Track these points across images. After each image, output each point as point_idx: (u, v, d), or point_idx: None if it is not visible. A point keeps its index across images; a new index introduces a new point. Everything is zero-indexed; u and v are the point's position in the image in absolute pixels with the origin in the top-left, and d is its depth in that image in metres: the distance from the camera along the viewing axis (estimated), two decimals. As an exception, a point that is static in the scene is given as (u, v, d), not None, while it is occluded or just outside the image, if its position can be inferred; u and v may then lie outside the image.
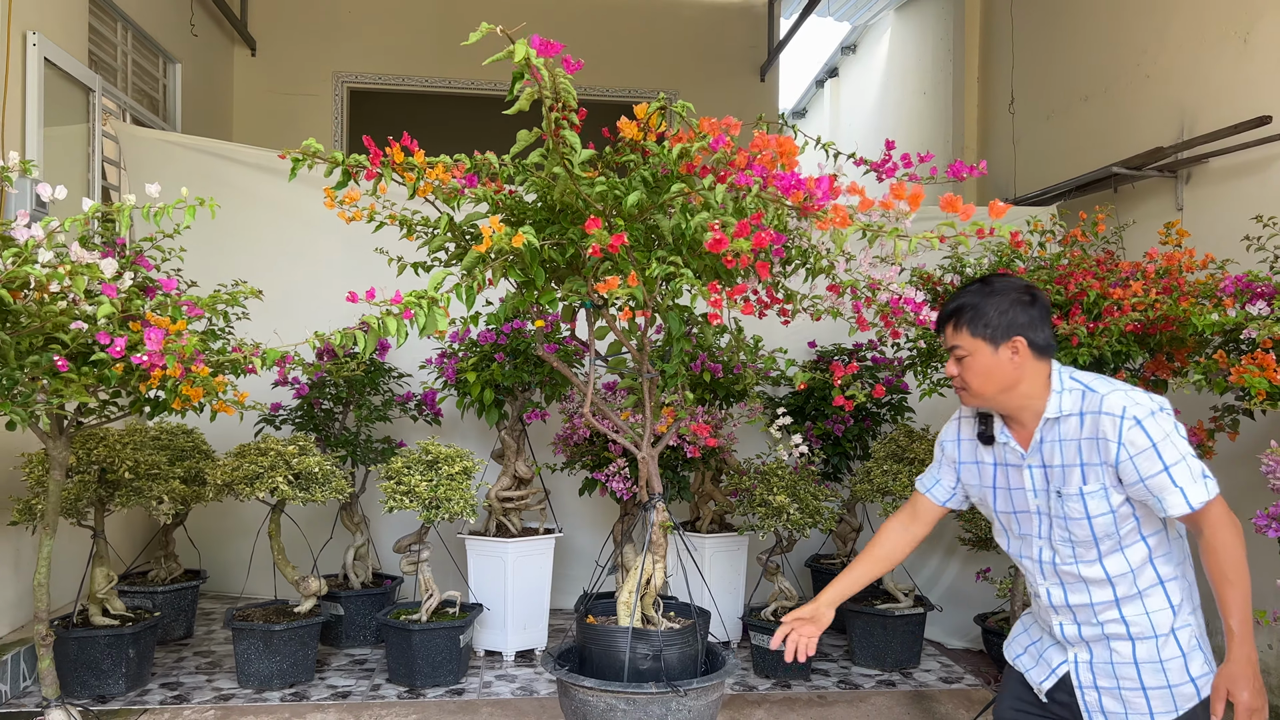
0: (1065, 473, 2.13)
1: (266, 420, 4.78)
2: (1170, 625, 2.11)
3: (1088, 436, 2.10)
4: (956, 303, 2.18)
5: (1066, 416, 2.13)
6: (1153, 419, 2.01)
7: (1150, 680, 2.10)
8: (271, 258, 5.21)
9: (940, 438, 2.44)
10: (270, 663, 4.13)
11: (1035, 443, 2.18)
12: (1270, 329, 2.86)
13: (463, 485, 4.15)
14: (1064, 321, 3.09)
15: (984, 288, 2.19)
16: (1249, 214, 4.07)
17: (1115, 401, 2.05)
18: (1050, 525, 2.19)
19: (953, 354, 2.19)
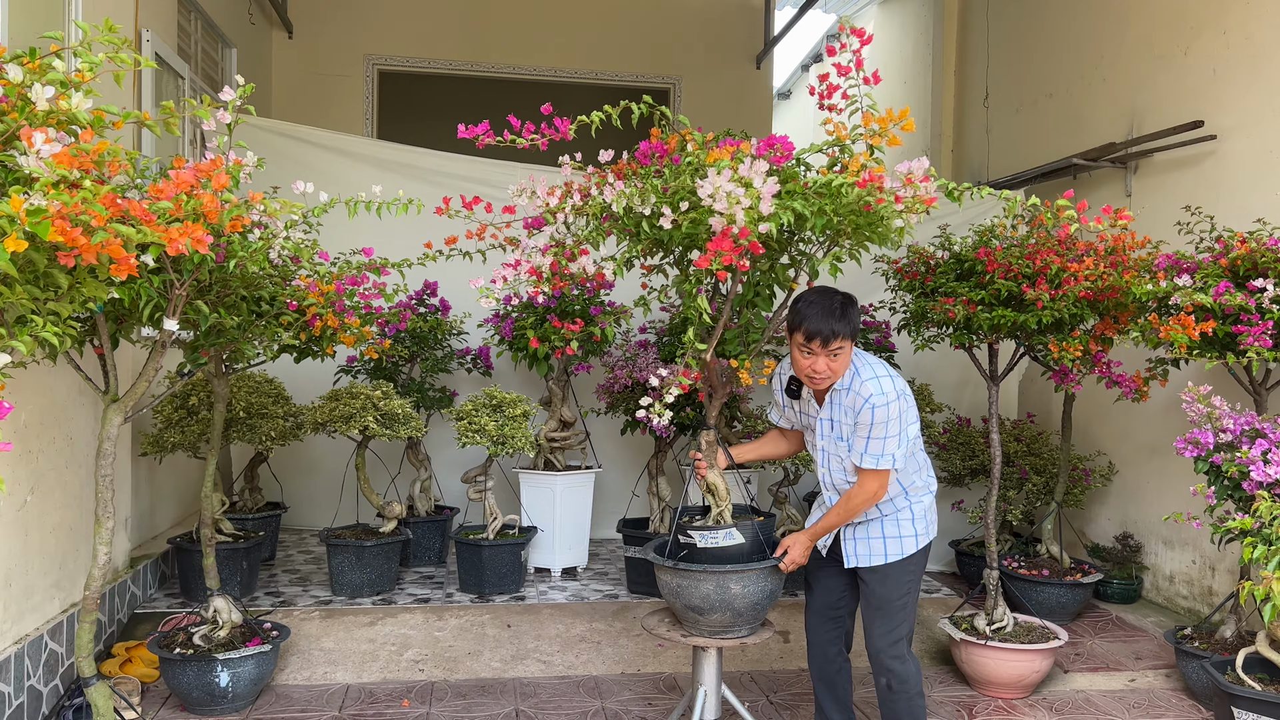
0: (838, 425, 3.15)
1: (344, 370, 5.49)
2: (904, 504, 3.25)
3: (848, 405, 3.09)
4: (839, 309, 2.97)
5: (842, 389, 3.10)
6: (884, 408, 3.00)
7: (888, 532, 3.23)
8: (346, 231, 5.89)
9: (772, 385, 3.43)
10: (361, 574, 4.88)
11: (827, 402, 3.16)
12: (1191, 296, 3.67)
13: (523, 425, 4.90)
14: (1031, 289, 3.89)
15: (846, 302, 3.01)
16: (1184, 202, 4.89)
17: (869, 388, 3.03)
18: (829, 457, 3.23)
19: (830, 353, 2.97)
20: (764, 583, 3.21)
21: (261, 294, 3.15)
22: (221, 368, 3.87)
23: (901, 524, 3.25)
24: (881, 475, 3.09)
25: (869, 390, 3.03)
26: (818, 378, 3.03)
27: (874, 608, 3.27)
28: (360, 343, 3.53)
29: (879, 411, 3.00)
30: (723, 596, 3.15)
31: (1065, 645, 4.59)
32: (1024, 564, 5.16)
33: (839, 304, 2.97)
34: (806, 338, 2.97)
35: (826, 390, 3.12)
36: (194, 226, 1.88)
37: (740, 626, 3.28)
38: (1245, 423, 3.59)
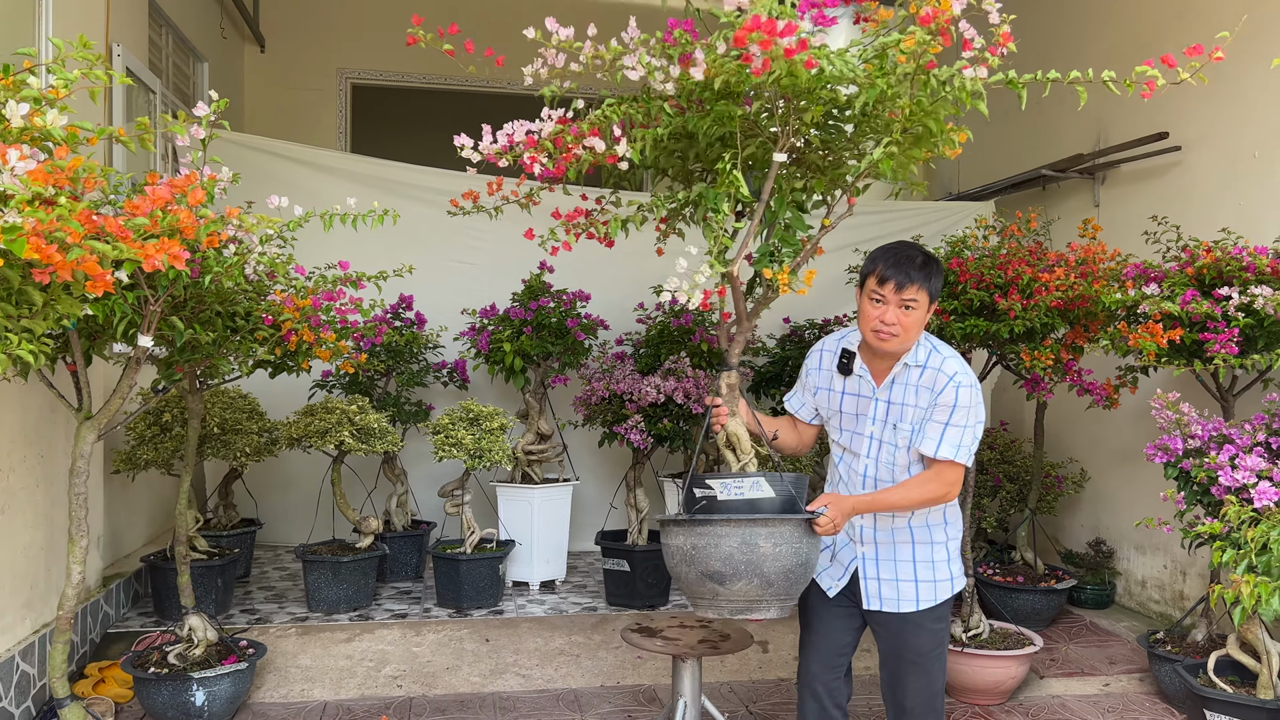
0: (903, 410, 2.71)
1: (319, 385, 5.47)
2: (945, 536, 2.82)
3: (925, 385, 2.68)
4: (921, 259, 2.62)
5: (916, 366, 2.70)
6: (970, 389, 2.64)
7: (922, 575, 2.79)
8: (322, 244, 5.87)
9: (806, 365, 2.93)
10: (338, 590, 4.85)
11: (887, 381, 2.72)
12: (1158, 304, 3.74)
13: (500, 439, 4.89)
14: (1003, 299, 3.94)
15: (929, 259, 2.65)
16: (1152, 212, 4.98)
17: (953, 365, 2.67)
18: (880, 447, 2.76)
19: (903, 303, 2.58)
20: (798, 543, 2.55)
21: (237, 309, 3.14)
22: (195, 384, 3.84)
23: (937, 563, 2.81)
24: (960, 471, 2.68)
25: (954, 368, 2.66)
26: (884, 331, 2.60)
27: (906, 661, 2.85)
28: (336, 357, 3.52)
29: (964, 393, 2.63)
30: (749, 557, 2.51)
31: (1041, 651, 4.64)
32: (999, 571, 5.21)
33: (920, 256, 2.62)
34: (880, 280, 2.59)
35: (889, 363, 2.70)
36: (170, 243, 1.88)
37: (769, 602, 2.59)
38: (1213, 429, 3.65)
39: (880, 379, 2.74)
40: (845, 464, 2.86)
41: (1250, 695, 3.56)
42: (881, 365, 2.73)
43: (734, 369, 2.73)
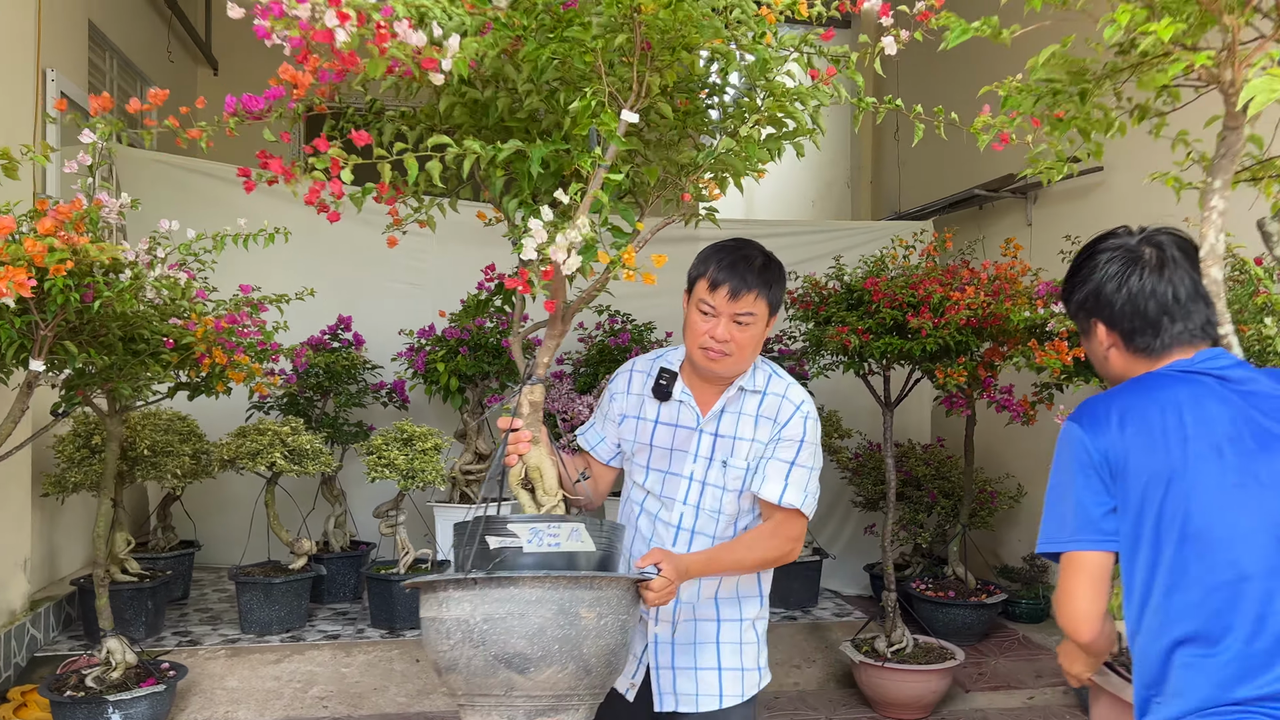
0: (734, 445, 2.20)
1: (256, 406, 5.48)
2: (755, 613, 2.29)
3: (766, 415, 2.20)
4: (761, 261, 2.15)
5: (754, 391, 2.22)
6: (816, 423, 2.22)
7: (728, 661, 2.23)
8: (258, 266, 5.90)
9: (609, 389, 2.38)
10: (270, 611, 4.85)
11: (716, 410, 2.22)
12: (1064, 322, 3.81)
13: (434, 459, 4.92)
14: (915, 317, 4.01)
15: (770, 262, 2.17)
16: (1078, 230, 5.06)
17: (799, 393, 2.22)
18: (702, 491, 2.22)
19: (737, 317, 2.10)
20: (624, 615, 1.89)
21: (142, 333, 3.16)
22: (114, 407, 3.86)
23: (746, 646, 2.26)
24: (804, 525, 2.19)
25: (800, 395, 2.21)
26: (713, 350, 2.11)
27: None
28: (249, 380, 3.54)
29: (811, 427, 2.18)
30: (567, 632, 1.80)
31: (968, 665, 4.69)
32: (931, 586, 5.26)
33: (760, 258, 2.15)
34: (711, 286, 2.11)
35: (719, 387, 2.21)
36: (15, 270, 1.91)
37: (581, 698, 1.88)
38: (1117, 444, 3.72)
39: (707, 407, 2.22)
40: (650, 515, 2.28)
41: (1156, 706, 3.61)
42: (709, 390, 2.23)
43: (541, 382, 2.12)
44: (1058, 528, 1.69)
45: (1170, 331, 1.69)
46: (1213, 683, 1.51)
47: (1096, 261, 1.77)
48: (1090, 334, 1.80)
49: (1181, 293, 1.69)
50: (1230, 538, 1.54)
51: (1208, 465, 1.56)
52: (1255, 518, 1.53)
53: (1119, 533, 1.63)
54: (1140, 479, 1.59)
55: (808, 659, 4.88)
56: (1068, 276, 1.85)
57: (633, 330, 5.64)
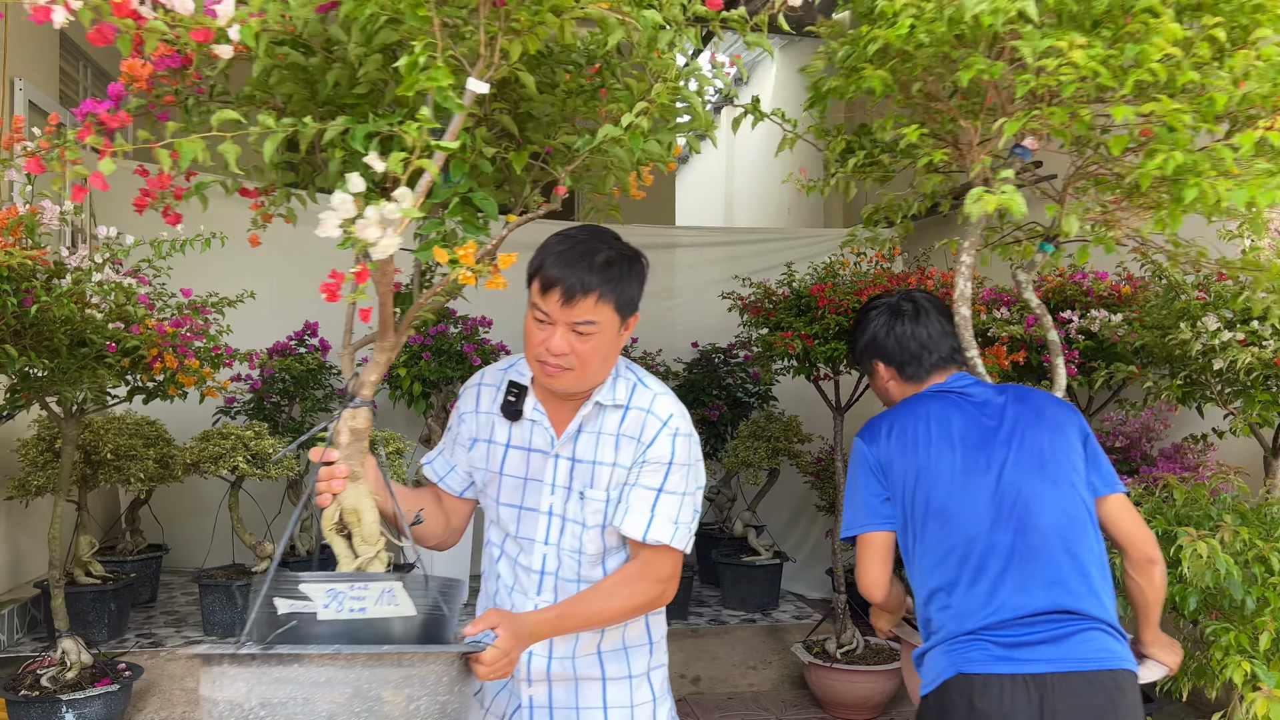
0: (594, 471, 1.88)
1: (222, 411, 5.54)
2: (646, 665, 1.96)
3: (628, 434, 1.87)
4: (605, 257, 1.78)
5: (614, 406, 1.88)
6: (689, 440, 1.89)
7: (615, 695, 1.92)
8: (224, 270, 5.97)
9: (457, 408, 2.02)
10: (233, 614, 4.90)
11: (571, 430, 1.88)
12: (1004, 327, 3.88)
13: (395, 463, 4.98)
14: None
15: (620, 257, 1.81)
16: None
17: (667, 405, 1.88)
18: (562, 529, 1.89)
19: (575, 325, 1.76)
20: (446, 695, 1.52)
21: (93, 338, 3.23)
22: (69, 411, 3.92)
23: (639, 710, 1.94)
24: (678, 561, 1.88)
25: (668, 408, 1.87)
26: (550, 365, 1.78)
27: None
28: (200, 384, 3.61)
29: (682, 446, 1.86)
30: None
31: (922, 667, 4.74)
32: (890, 589, 5.31)
33: (605, 252, 1.78)
34: (543, 287, 1.77)
35: (575, 403, 1.89)
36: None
37: None
38: (1054, 447, 3.78)
39: (562, 427, 1.90)
40: (510, 560, 1.95)
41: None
42: (564, 406, 1.90)
43: (366, 405, 1.76)
44: (853, 517, 2.20)
45: (929, 362, 2.23)
46: (953, 620, 2.00)
47: (869, 317, 2.31)
48: (874, 372, 2.33)
49: (934, 332, 2.25)
50: (961, 511, 2.04)
51: (944, 459, 2.08)
52: (978, 495, 2.04)
53: (894, 516, 2.13)
54: (901, 474, 2.11)
55: (764, 661, 4.94)
56: (850, 331, 2.39)
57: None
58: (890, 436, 2.13)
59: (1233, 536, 2.38)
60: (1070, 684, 1.88)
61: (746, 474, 5.40)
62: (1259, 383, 2.95)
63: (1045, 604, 1.95)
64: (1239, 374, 2.89)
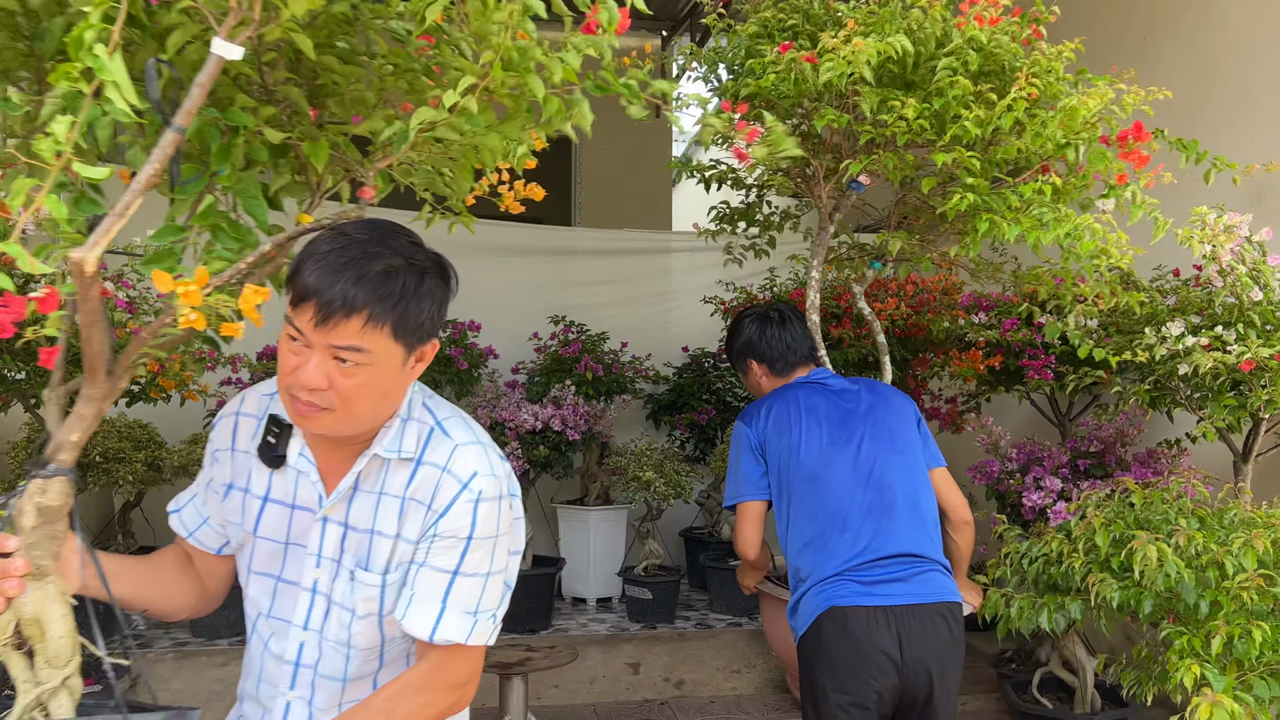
0: (372, 543, 1.47)
1: (213, 414, 5.58)
2: None
3: (416, 497, 1.45)
4: (385, 264, 1.35)
5: (400, 459, 1.46)
6: (496, 505, 1.45)
7: None
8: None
9: (210, 441, 1.59)
10: (219, 615, 4.92)
11: (345, 487, 1.46)
12: (981, 332, 3.89)
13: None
14: (837, 327, 4.09)
15: (408, 268, 1.38)
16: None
17: (470, 459, 1.45)
18: (327, 613, 1.49)
19: (337, 351, 1.34)
20: None
21: (71, 341, 3.26)
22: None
23: None
24: (478, 660, 1.51)
25: (472, 463, 1.46)
26: (302, 403, 1.37)
27: None
28: (181, 387, 3.65)
29: (486, 513, 1.44)
30: None
31: (906, 671, 4.76)
32: (876, 593, 5.32)
33: (387, 259, 1.37)
34: (296, 298, 1.36)
35: (353, 450, 1.49)
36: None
37: None
38: (1030, 452, 3.79)
39: (336, 480, 1.48)
40: (261, 641, 1.58)
41: (1069, 711, 3.68)
42: (339, 453, 1.48)
43: (64, 474, 1.39)
44: (735, 489, 2.60)
45: (793, 359, 2.72)
46: (821, 565, 2.39)
47: (745, 324, 2.78)
48: (748, 369, 2.77)
49: (797, 335, 2.74)
50: (829, 476, 2.46)
51: (814, 434, 2.50)
52: (842, 461, 2.47)
53: (769, 487, 2.54)
54: (778, 449, 2.51)
55: (748, 664, 4.95)
56: (729, 336, 2.83)
57: (585, 341, 5.73)
58: (768, 419, 2.54)
59: (1187, 541, 2.39)
60: (918, 613, 2.32)
61: (733, 478, 5.42)
62: (1224, 388, 2.95)
63: (897, 549, 2.39)
64: (1204, 379, 2.90)
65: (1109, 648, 4.33)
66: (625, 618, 5.44)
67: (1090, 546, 2.66)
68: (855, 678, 2.29)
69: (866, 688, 2.29)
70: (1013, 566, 2.96)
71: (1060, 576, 2.78)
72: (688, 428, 6.06)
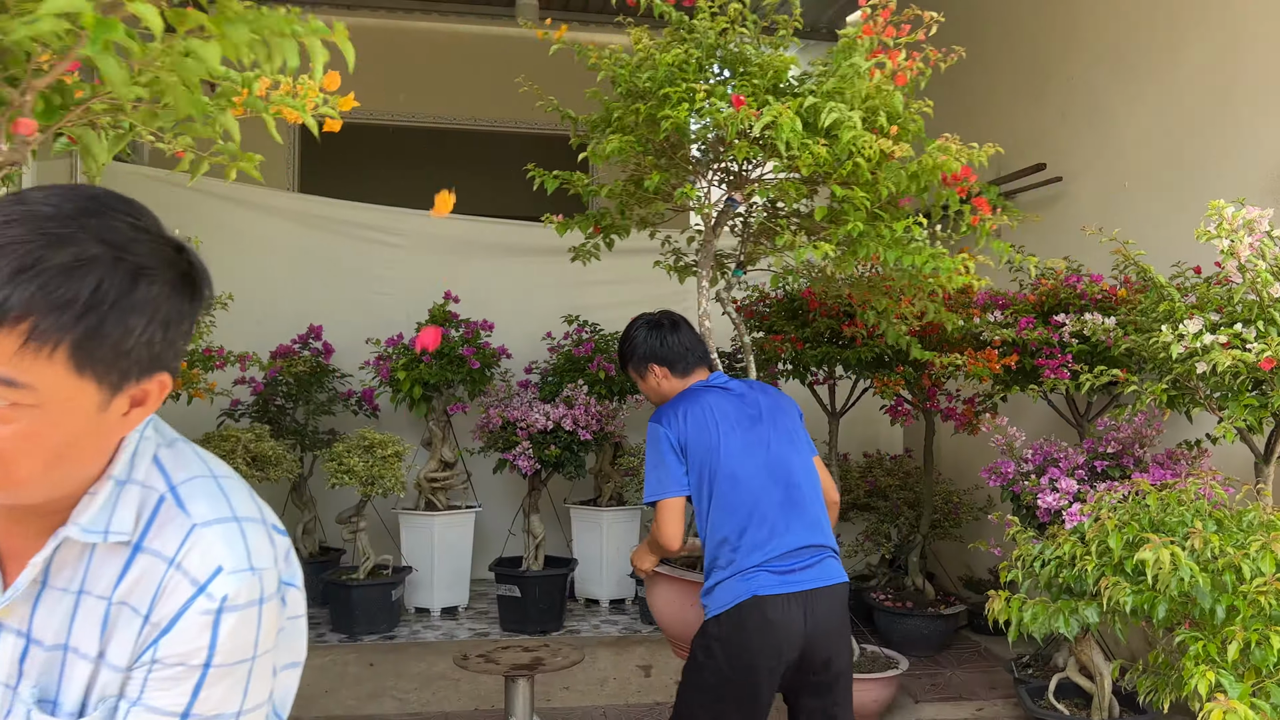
0: (66, 660, 1.01)
1: (227, 414, 5.59)
2: None
3: (128, 601, 1.00)
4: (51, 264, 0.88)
5: (112, 542, 1.00)
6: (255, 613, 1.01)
7: None
8: (231, 275, 6.03)
9: None
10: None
11: (29, 581, 1.00)
12: (996, 330, 3.82)
13: (394, 466, 5.00)
14: (850, 326, 4.03)
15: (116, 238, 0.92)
16: (1045, 241, 5.07)
17: (214, 552, 1.00)
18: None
19: None
20: None
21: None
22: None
23: None
24: None
25: (214, 556, 0.99)
26: None
27: None
28: (187, 386, 3.64)
29: (236, 629, 0.99)
30: None
31: (922, 676, 4.68)
32: (892, 596, 5.25)
33: (79, 244, 0.89)
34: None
35: (42, 525, 1.00)
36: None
37: None
38: (1046, 452, 3.72)
39: (15, 566, 1.03)
40: None
41: (1085, 717, 3.60)
42: (20, 529, 1.02)
43: None
44: (659, 485, 2.71)
45: (691, 360, 2.88)
46: (742, 556, 2.60)
47: (640, 332, 2.92)
48: (648, 373, 2.89)
49: (691, 340, 2.91)
50: (746, 475, 2.67)
51: (731, 438, 2.69)
52: (756, 462, 2.70)
53: (690, 484, 2.69)
54: (698, 449, 2.68)
55: (761, 668, 4.89)
56: (623, 344, 2.95)
57: (598, 340, 5.69)
58: (686, 422, 2.71)
59: (1203, 544, 2.31)
60: (821, 596, 2.64)
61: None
62: (1245, 387, 2.87)
63: (805, 540, 2.66)
64: (1224, 378, 2.82)
65: (1129, 653, 4.25)
66: (638, 619, 5.40)
67: (1103, 549, 2.59)
68: (766, 650, 2.61)
69: (776, 659, 2.63)
70: (1025, 569, 2.89)
71: (1073, 580, 2.70)
72: (702, 428, 6.01)
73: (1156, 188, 4.52)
